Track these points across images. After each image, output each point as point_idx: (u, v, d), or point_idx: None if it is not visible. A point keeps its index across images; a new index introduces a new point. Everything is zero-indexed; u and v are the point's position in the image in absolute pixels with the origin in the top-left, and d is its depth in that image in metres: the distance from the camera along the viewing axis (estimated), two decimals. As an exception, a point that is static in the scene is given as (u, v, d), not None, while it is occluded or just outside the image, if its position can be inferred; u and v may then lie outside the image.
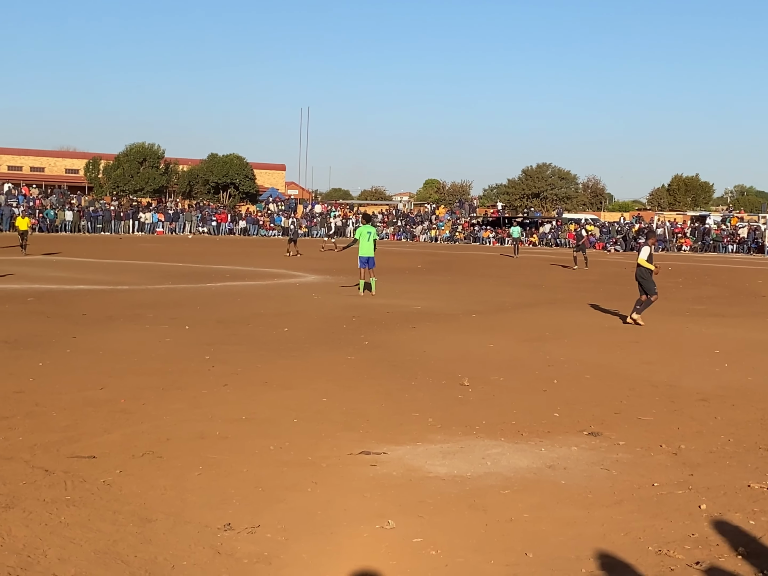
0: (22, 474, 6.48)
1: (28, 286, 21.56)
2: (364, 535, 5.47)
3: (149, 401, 9.09)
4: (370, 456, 7.29)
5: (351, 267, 33.60)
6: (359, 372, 11.16)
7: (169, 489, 6.25)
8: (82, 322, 15.14)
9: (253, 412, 8.74)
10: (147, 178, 77.16)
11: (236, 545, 5.24)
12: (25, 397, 9.09)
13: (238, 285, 24.14)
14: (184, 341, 13.26)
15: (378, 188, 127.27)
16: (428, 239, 75.43)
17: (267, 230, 73.18)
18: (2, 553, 4.96)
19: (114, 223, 66.18)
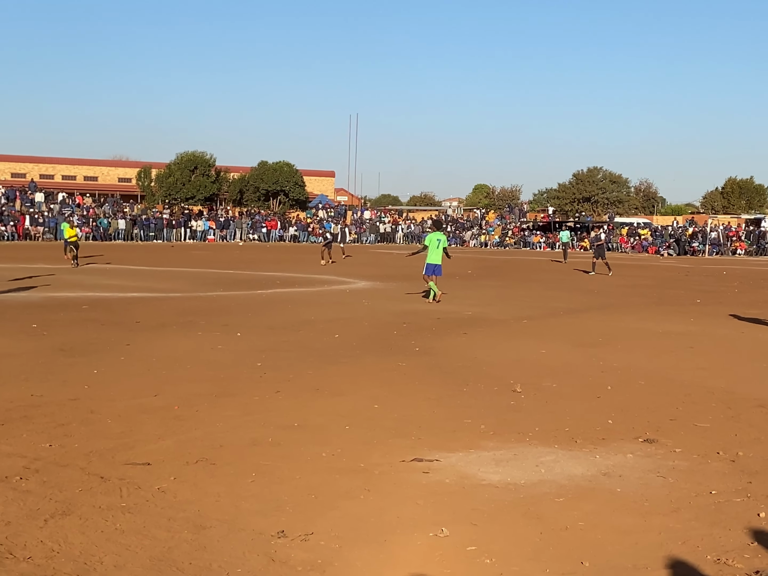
0: (78, 481, 6.54)
1: (82, 294, 21.82)
2: (417, 543, 5.45)
3: (202, 408, 9.14)
4: (422, 463, 7.27)
5: (399, 273, 33.63)
6: (410, 378, 11.14)
7: (222, 496, 6.27)
8: (135, 329, 15.29)
9: (305, 419, 8.76)
10: (198, 186, 77.84)
11: (290, 552, 5.24)
12: (81, 404, 9.18)
13: (288, 292, 24.23)
14: (236, 348, 13.32)
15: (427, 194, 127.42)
16: (478, 244, 75.27)
17: (317, 237, 73.43)
18: (59, 560, 5.01)
19: (166, 231, 66.89)
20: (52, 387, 10.01)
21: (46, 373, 10.90)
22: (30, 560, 4.99)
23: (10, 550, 5.13)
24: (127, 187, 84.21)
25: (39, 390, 9.79)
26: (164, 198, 76.91)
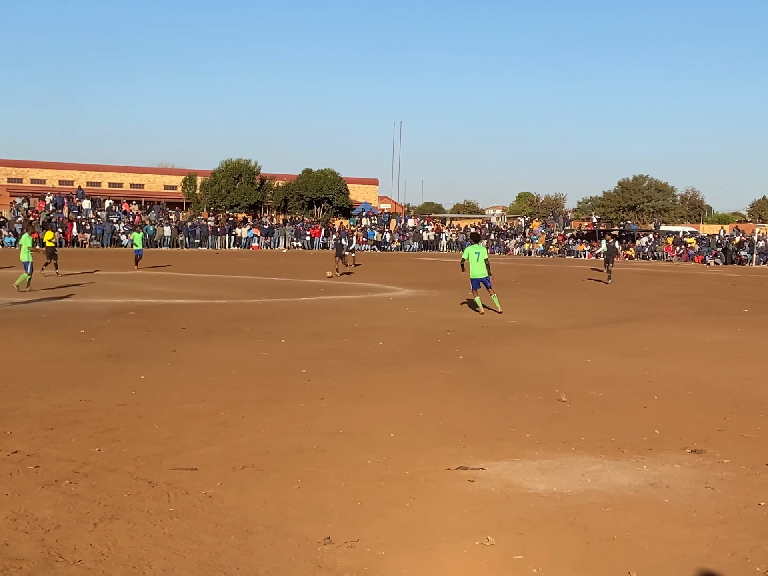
0: (126, 485, 6.61)
1: (129, 300, 22.05)
2: (463, 552, 5.44)
3: (248, 414, 9.20)
4: (467, 471, 7.25)
5: (443, 281, 33.58)
6: (455, 386, 11.12)
7: (269, 502, 6.31)
8: (181, 335, 15.42)
9: (349, 426, 8.78)
10: (243, 193, 78.35)
11: (336, 559, 5.25)
12: (128, 409, 9.28)
13: (332, 299, 24.29)
14: (281, 355, 13.39)
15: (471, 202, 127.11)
16: (522, 253, 74.97)
17: (360, 244, 73.58)
18: (108, 563, 5.07)
19: (211, 238, 67.38)
20: (100, 392, 10.12)
21: (94, 378, 11.03)
22: (80, 564, 5.05)
23: (61, 553, 5.20)
24: (173, 195, 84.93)
25: (87, 395, 9.91)
26: (209, 205, 77.50)
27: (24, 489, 6.44)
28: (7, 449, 7.51)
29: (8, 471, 6.88)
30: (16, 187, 79.09)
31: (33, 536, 5.46)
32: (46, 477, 6.76)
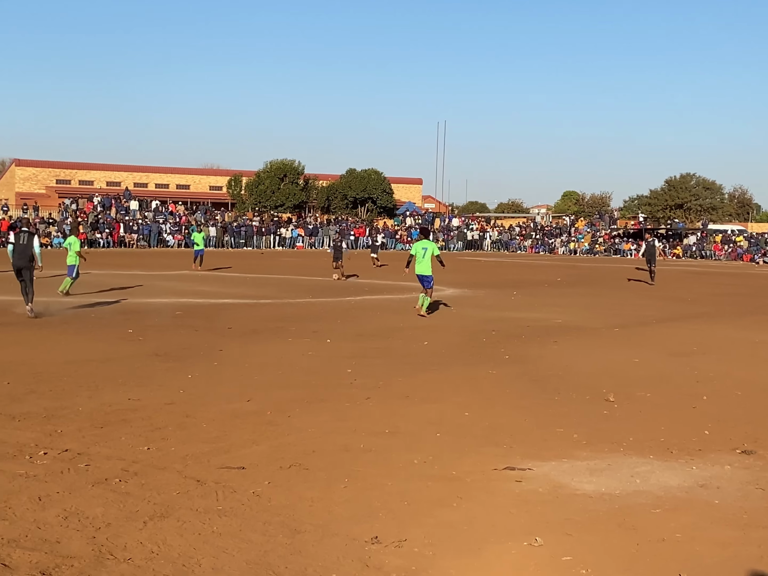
0: (175, 484, 6.66)
1: (176, 300, 22.22)
2: (512, 552, 5.41)
3: (294, 413, 9.23)
4: (515, 472, 7.22)
5: (487, 281, 33.50)
6: (501, 386, 11.08)
7: (316, 501, 6.32)
8: (227, 335, 15.51)
9: (396, 426, 8.78)
10: (287, 193, 78.71)
11: (384, 559, 5.25)
12: (176, 408, 9.35)
13: (376, 299, 24.32)
14: (326, 354, 13.42)
15: (515, 201, 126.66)
16: (567, 252, 74.54)
17: (404, 244, 73.59)
18: (158, 561, 5.11)
19: (256, 238, 67.76)
20: (149, 391, 10.22)
21: (142, 377, 11.14)
22: (130, 561, 5.10)
23: (111, 551, 5.25)
24: (218, 195, 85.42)
25: (136, 394, 10.00)
26: (254, 206, 77.94)
27: (75, 487, 6.51)
28: (58, 447, 7.60)
29: (59, 469, 6.97)
30: (65, 188, 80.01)
31: (84, 534, 5.52)
32: (96, 475, 6.83)
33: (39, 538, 5.43)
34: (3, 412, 8.93)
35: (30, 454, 7.37)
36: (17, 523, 5.68)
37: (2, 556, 5.11)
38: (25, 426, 8.39)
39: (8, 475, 6.75)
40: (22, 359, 12.26)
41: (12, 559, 5.07)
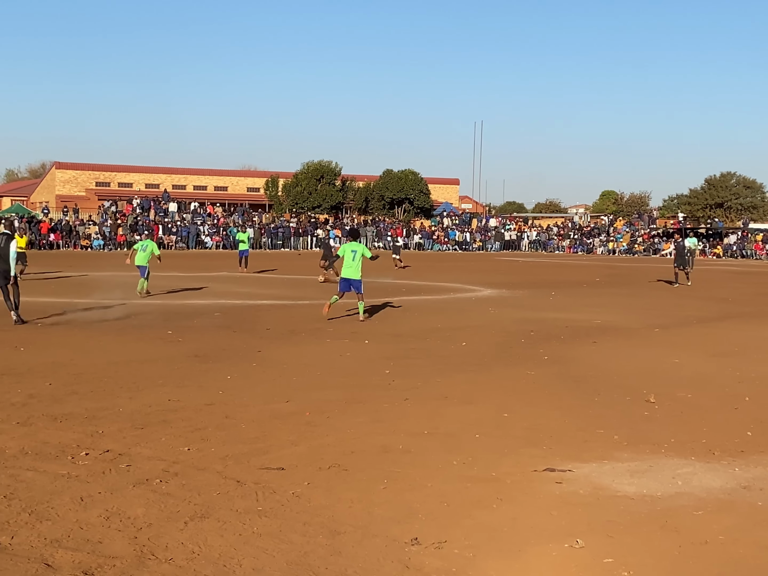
0: (215, 485, 6.69)
1: (214, 301, 22.36)
2: (553, 554, 5.38)
3: (333, 414, 9.25)
4: (555, 473, 7.18)
5: (525, 281, 33.36)
6: (540, 387, 11.03)
7: (355, 502, 6.32)
8: (266, 336, 15.57)
9: (434, 427, 8.76)
10: (324, 194, 78.89)
11: (424, 560, 5.24)
12: (216, 409, 9.40)
13: (414, 299, 24.30)
14: (364, 355, 13.43)
15: (553, 200, 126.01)
16: (606, 252, 74.07)
17: (441, 244, 73.54)
18: (199, 562, 5.13)
19: (293, 240, 67.99)
20: (189, 392, 10.28)
21: (182, 378, 11.21)
22: (172, 561, 5.13)
23: (153, 551, 5.28)
24: (256, 197, 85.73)
25: (176, 395, 10.07)
26: (291, 207, 78.19)
27: (116, 487, 6.56)
28: (99, 448, 7.67)
29: (101, 470, 7.02)
30: (104, 190, 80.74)
31: (125, 534, 5.56)
32: (137, 475, 6.88)
33: (81, 538, 5.48)
34: (45, 413, 9.02)
35: (72, 455, 7.45)
36: (60, 524, 5.73)
37: (45, 556, 5.16)
38: (67, 427, 8.47)
39: (51, 476, 6.82)
40: (64, 360, 12.38)
41: (55, 559, 5.12)
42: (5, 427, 8.37)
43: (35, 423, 8.59)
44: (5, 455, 7.40)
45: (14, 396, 9.83)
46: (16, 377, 11.00)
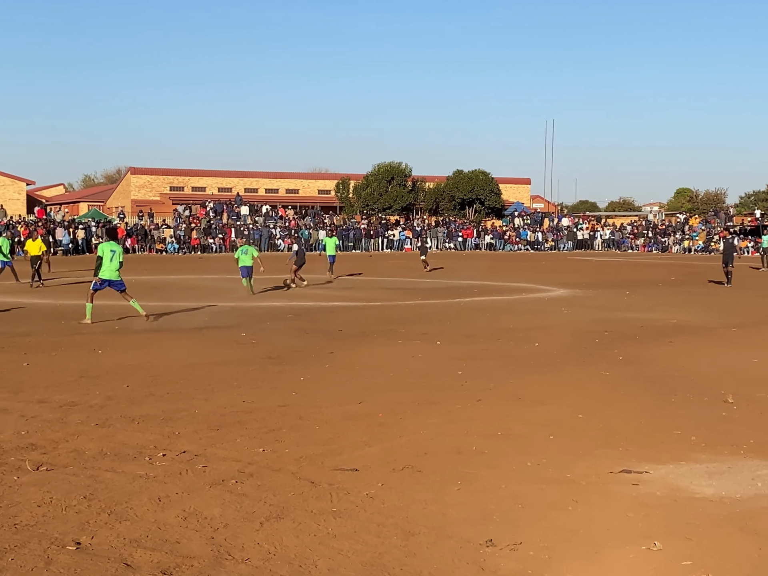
0: (290, 485, 6.73)
1: (287, 303, 22.54)
2: (630, 556, 5.31)
3: (406, 416, 9.25)
4: (631, 475, 7.09)
5: (599, 281, 33.01)
6: (615, 388, 10.90)
7: (429, 503, 6.31)
8: (338, 337, 15.65)
9: (508, 428, 8.71)
10: (395, 196, 79.01)
11: (499, 562, 5.21)
12: (289, 410, 9.47)
13: (486, 300, 24.21)
14: (436, 356, 13.41)
15: (626, 199, 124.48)
16: (681, 250, 72.93)
17: (513, 245, 73.16)
18: (275, 562, 5.17)
19: (364, 241, 68.24)
20: (262, 393, 10.37)
21: (256, 380, 11.31)
22: (248, 562, 5.17)
23: (229, 551, 5.33)
24: (327, 199, 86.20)
25: (250, 396, 10.16)
26: (362, 209, 78.48)
27: (193, 488, 6.64)
28: (176, 449, 7.77)
29: (178, 470, 7.12)
30: (178, 195, 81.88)
31: (202, 534, 5.63)
32: (213, 476, 6.96)
33: (159, 538, 5.56)
34: (123, 414, 9.18)
35: (149, 456, 7.56)
36: (138, 524, 5.82)
37: (125, 555, 5.24)
38: (144, 428, 8.60)
39: (129, 477, 6.93)
40: (140, 363, 12.58)
41: (134, 558, 5.20)
42: (84, 429, 8.53)
43: (113, 424, 8.75)
44: (85, 456, 7.55)
45: (93, 398, 10.02)
46: (94, 379, 11.21)
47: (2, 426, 8.60)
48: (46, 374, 11.58)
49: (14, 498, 6.37)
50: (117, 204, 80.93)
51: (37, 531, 5.66)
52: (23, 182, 79.11)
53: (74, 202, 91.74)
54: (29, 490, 6.55)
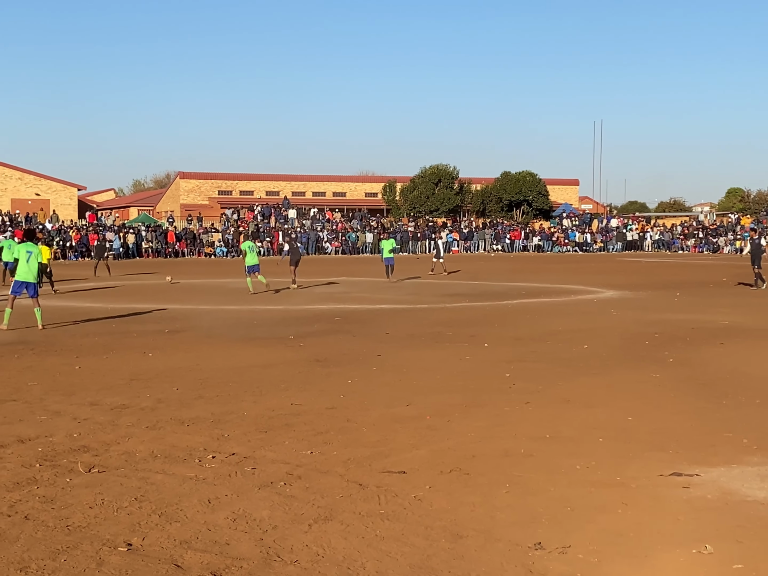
0: (338, 487, 6.76)
1: (334, 306, 22.60)
2: (680, 560, 5.26)
3: (453, 418, 9.24)
4: (681, 477, 7.02)
5: (649, 282, 32.69)
6: (665, 390, 10.80)
7: (477, 506, 6.30)
8: (385, 340, 15.66)
9: (556, 431, 8.66)
10: (442, 198, 78.90)
11: (548, 565, 5.18)
12: (337, 413, 9.50)
13: (534, 302, 24.10)
14: (484, 359, 13.37)
15: (677, 199, 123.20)
16: (733, 251, 71.97)
17: (561, 246, 72.70)
18: (324, 564, 5.19)
19: (411, 244, 68.19)
20: (310, 396, 10.41)
21: (303, 382, 11.36)
22: (297, 563, 5.20)
23: (278, 553, 5.36)
24: (374, 202, 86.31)
25: (298, 399, 10.21)
26: (409, 211, 78.46)
27: (242, 490, 6.69)
28: (225, 451, 7.83)
29: (227, 472, 7.18)
30: (226, 198, 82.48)
31: (252, 536, 5.67)
32: (262, 478, 7.00)
33: (209, 539, 5.61)
34: (173, 417, 9.27)
35: (199, 458, 7.63)
36: (188, 525, 5.88)
37: (175, 557, 5.30)
38: (194, 430, 8.68)
39: (179, 478, 7.00)
40: (189, 366, 12.70)
41: (184, 559, 5.25)
42: (136, 431, 8.63)
43: (164, 427, 8.84)
44: (136, 458, 7.64)
45: (144, 400, 10.13)
46: (145, 382, 11.34)
47: (55, 428, 8.73)
48: (97, 377, 11.73)
49: (67, 500, 6.46)
50: (166, 208, 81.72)
51: (89, 532, 5.74)
52: (75, 188, 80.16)
53: (125, 206, 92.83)
54: (81, 492, 6.64)
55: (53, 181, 78.06)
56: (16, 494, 6.59)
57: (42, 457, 7.68)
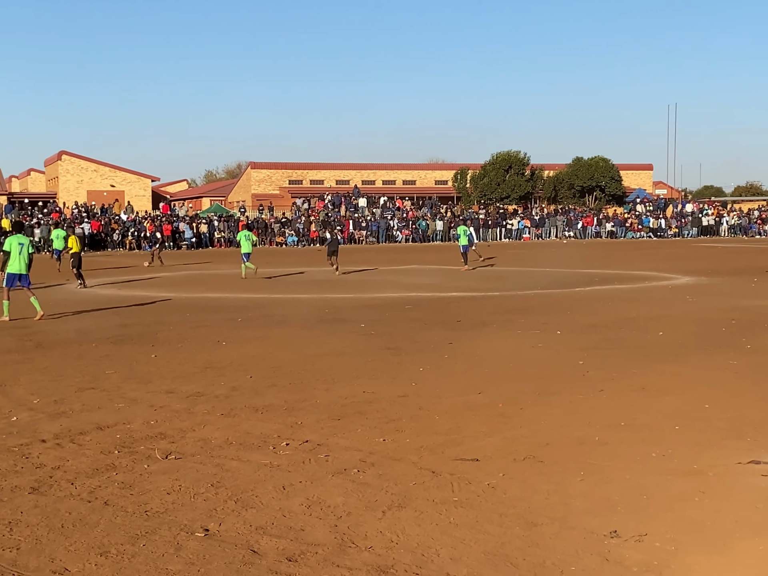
0: (411, 475, 6.77)
1: (404, 294, 22.61)
2: (759, 548, 5.17)
3: (526, 406, 9.19)
4: (760, 465, 6.89)
5: (726, 268, 32.12)
6: (742, 377, 10.60)
7: (551, 494, 6.27)
8: (457, 328, 15.62)
9: (631, 418, 8.57)
10: (513, 185, 78.39)
11: (624, 553, 5.14)
12: (409, 401, 9.51)
13: (607, 289, 23.83)
14: (556, 346, 13.27)
15: (753, 183, 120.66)
16: (811, 235, 70.41)
17: (635, 232, 71.78)
18: (398, 550, 5.21)
19: (482, 231, 67.88)
20: (382, 384, 10.45)
21: (375, 370, 11.40)
22: (371, 550, 5.23)
23: (353, 539, 5.40)
24: (444, 189, 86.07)
25: (370, 387, 10.25)
26: (480, 198, 78.13)
27: (316, 477, 6.75)
28: (299, 438, 7.90)
29: (301, 459, 7.24)
30: (297, 188, 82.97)
31: (326, 522, 5.71)
32: (335, 465, 7.05)
33: (284, 525, 5.66)
34: (248, 404, 9.37)
35: (273, 445, 7.71)
36: (264, 511, 5.95)
37: (251, 542, 5.36)
38: (268, 418, 8.77)
39: (254, 465, 7.08)
40: (262, 354, 12.82)
41: (260, 545, 5.32)
42: (211, 419, 8.75)
43: (238, 414, 8.95)
44: (211, 445, 7.74)
45: (218, 388, 10.26)
46: (219, 370, 11.47)
47: (132, 416, 8.89)
48: (173, 365, 11.91)
49: (145, 486, 6.58)
50: (238, 198, 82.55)
51: (167, 518, 5.84)
52: (149, 179, 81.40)
53: (197, 197, 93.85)
54: (159, 478, 6.76)
55: (128, 172, 79.34)
56: (95, 480, 6.74)
57: (120, 443, 7.83)
